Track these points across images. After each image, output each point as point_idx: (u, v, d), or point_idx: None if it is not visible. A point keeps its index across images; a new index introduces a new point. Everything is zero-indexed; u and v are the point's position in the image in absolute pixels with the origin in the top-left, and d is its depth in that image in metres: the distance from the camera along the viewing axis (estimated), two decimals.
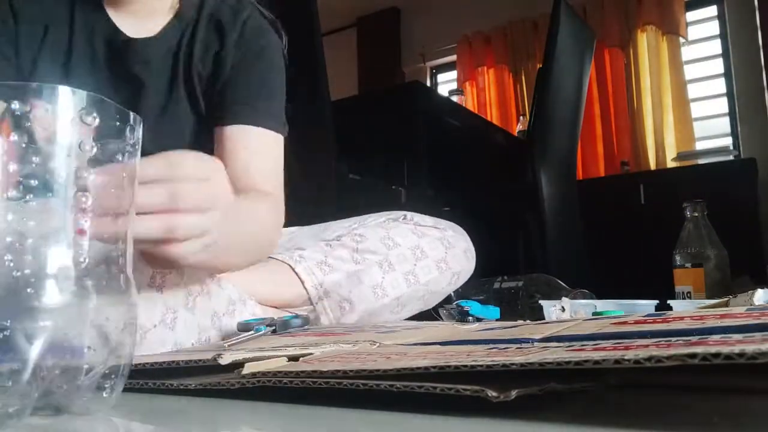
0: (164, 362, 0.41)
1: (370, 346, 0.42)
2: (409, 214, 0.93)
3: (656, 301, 0.90)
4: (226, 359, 0.38)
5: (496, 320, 0.88)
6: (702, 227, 1.36)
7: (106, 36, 0.78)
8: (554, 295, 1.03)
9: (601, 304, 0.89)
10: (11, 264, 0.31)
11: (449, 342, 0.38)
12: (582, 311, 0.83)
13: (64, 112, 0.33)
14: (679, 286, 1.34)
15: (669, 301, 0.94)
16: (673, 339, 0.27)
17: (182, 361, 0.40)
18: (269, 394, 0.37)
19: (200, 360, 0.39)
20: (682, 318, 0.38)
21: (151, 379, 0.42)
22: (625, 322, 0.39)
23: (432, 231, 0.90)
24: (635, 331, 0.28)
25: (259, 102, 0.82)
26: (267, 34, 0.86)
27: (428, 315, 0.99)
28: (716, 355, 0.25)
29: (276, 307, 0.81)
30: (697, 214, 1.38)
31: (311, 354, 0.41)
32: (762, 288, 0.72)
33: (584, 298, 1.01)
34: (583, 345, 0.28)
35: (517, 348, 0.31)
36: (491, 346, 0.33)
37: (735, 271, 1.39)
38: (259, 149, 0.80)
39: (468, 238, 0.96)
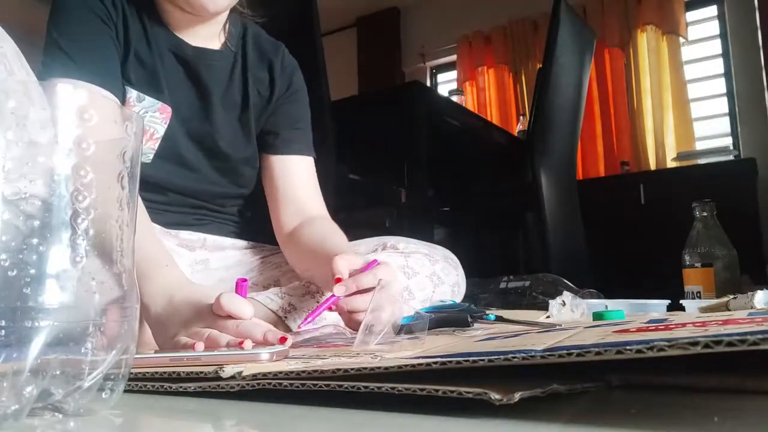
0: (165, 373, 0.41)
1: (371, 360, 0.42)
2: (393, 240, 0.93)
3: (668, 301, 0.89)
4: (228, 372, 0.38)
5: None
6: (711, 227, 1.36)
7: (170, 44, 0.90)
8: (560, 294, 1.03)
9: (613, 304, 0.88)
10: (8, 263, 0.31)
11: (451, 355, 0.38)
12: (583, 306, 0.83)
13: (64, 110, 0.33)
14: (689, 285, 1.34)
15: (682, 301, 0.94)
16: (675, 342, 0.27)
17: (183, 372, 0.40)
18: (270, 395, 0.37)
19: (201, 372, 0.39)
20: (684, 325, 0.38)
21: (151, 381, 0.42)
22: (626, 330, 0.39)
23: (424, 265, 0.90)
24: (638, 341, 0.28)
25: (304, 133, 1.01)
26: (299, 70, 1.04)
27: None
28: (718, 342, 0.24)
29: None
30: (706, 214, 1.38)
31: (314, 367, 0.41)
32: (762, 289, 0.72)
33: (593, 298, 1.00)
34: (584, 350, 0.28)
35: (523, 359, 0.30)
36: (493, 357, 0.32)
37: None
38: (308, 176, 0.99)
39: (460, 270, 0.95)
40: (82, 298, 0.32)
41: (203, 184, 0.93)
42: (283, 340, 0.52)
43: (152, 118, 0.86)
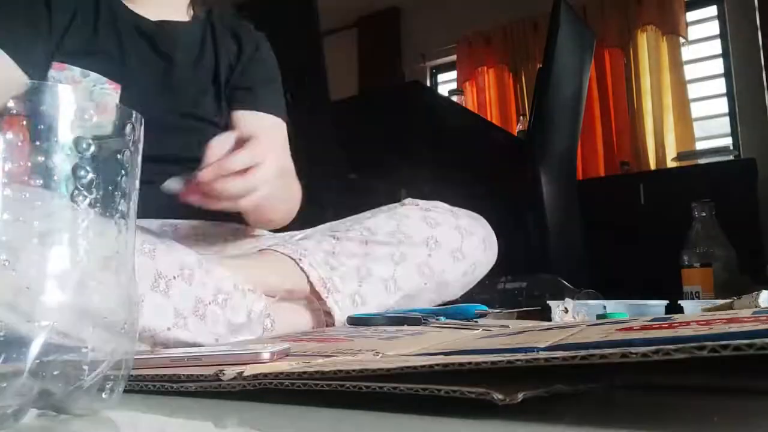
0: (165, 375, 0.41)
1: (373, 356, 0.42)
2: (421, 202, 0.93)
3: (666, 302, 0.89)
4: (228, 375, 0.38)
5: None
6: (710, 227, 1.36)
7: (131, 20, 0.89)
8: (559, 295, 1.03)
9: (612, 305, 0.88)
10: (8, 263, 0.30)
11: (453, 352, 0.38)
12: (583, 312, 0.83)
13: (64, 110, 0.33)
14: (688, 285, 1.34)
15: (680, 302, 0.93)
16: (681, 346, 0.26)
17: (183, 375, 0.40)
18: (271, 395, 0.37)
19: (201, 375, 0.39)
20: (688, 323, 0.38)
21: (152, 381, 0.41)
22: (630, 328, 0.39)
23: (447, 218, 0.89)
24: (642, 339, 0.28)
25: (275, 93, 1.00)
26: (266, 41, 1.03)
27: None
28: (725, 346, 0.24)
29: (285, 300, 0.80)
30: (705, 214, 1.38)
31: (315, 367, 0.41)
32: (766, 289, 0.72)
33: (590, 299, 1.00)
34: (589, 353, 0.28)
35: (523, 356, 0.30)
36: (496, 355, 0.32)
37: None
38: (279, 138, 0.97)
39: (488, 226, 0.94)
40: (81, 298, 0.32)
41: (170, 149, 0.86)
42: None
43: (102, 90, 0.83)
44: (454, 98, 2.75)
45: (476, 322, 0.71)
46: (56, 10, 0.83)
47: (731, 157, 3.02)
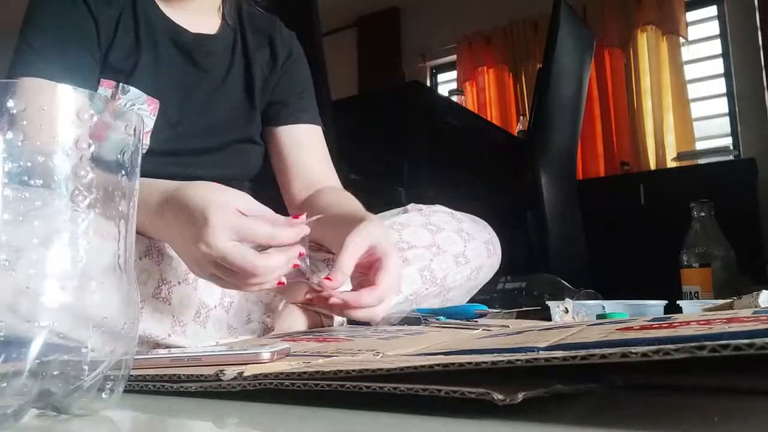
0: (165, 375, 0.41)
1: (373, 357, 0.42)
2: (423, 207, 0.93)
3: (665, 302, 0.89)
4: (228, 375, 0.38)
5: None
6: (709, 227, 1.37)
7: (168, 31, 0.86)
8: (558, 295, 1.03)
9: (610, 306, 0.88)
10: (8, 263, 0.30)
11: (453, 352, 0.38)
12: (583, 312, 0.83)
13: (64, 110, 0.33)
14: (687, 285, 1.34)
15: (678, 302, 0.93)
16: (681, 346, 0.26)
17: (183, 375, 0.40)
18: (271, 396, 0.37)
19: (201, 375, 0.39)
20: (688, 323, 0.38)
21: (152, 381, 0.41)
22: (630, 328, 0.39)
23: (449, 223, 0.89)
24: (641, 338, 0.28)
25: (309, 102, 0.98)
26: (297, 40, 1.01)
27: None
28: (725, 346, 0.24)
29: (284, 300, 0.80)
30: (704, 214, 1.38)
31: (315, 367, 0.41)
32: (766, 289, 0.72)
33: (590, 299, 1.00)
34: (589, 353, 0.28)
35: (526, 361, 0.30)
36: (496, 355, 0.32)
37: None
38: (318, 146, 0.96)
39: (490, 230, 0.94)
40: (81, 298, 0.32)
41: (206, 169, 0.86)
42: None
43: (140, 110, 0.81)
44: (454, 98, 2.75)
45: (476, 322, 0.71)
46: (102, 24, 0.81)
47: (731, 157, 3.02)
